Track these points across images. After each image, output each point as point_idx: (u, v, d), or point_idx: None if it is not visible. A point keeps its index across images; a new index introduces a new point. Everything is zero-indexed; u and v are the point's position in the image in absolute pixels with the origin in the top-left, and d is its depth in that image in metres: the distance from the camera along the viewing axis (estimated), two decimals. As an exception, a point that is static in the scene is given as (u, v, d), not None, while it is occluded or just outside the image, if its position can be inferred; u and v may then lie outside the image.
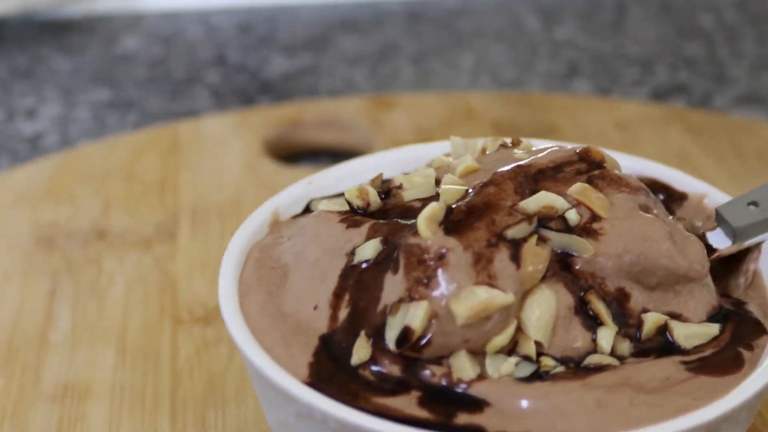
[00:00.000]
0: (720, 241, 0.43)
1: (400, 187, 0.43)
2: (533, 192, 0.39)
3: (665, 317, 0.38)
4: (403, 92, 0.82)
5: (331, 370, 0.36)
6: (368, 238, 0.39)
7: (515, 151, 0.43)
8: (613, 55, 0.90)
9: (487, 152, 0.44)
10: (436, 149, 0.48)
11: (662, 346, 0.38)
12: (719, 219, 0.43)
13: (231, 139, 0.71)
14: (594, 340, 0.37)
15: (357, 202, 0.42)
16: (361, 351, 0.36)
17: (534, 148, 0.43)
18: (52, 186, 0.66)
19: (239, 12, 0.99)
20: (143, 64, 0.90)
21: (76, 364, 0.52)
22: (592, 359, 0.37)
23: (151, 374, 0.51)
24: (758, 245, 0.42)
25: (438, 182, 0.42)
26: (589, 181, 0.40)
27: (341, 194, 0.44)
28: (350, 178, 0.47)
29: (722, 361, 0.37)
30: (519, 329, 0.36)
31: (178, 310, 0.55)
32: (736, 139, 0.70)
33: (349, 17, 0.98)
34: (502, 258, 0.36)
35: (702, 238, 0.42)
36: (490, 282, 0.36)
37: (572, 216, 0.38)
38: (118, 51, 0.92)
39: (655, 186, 0.47)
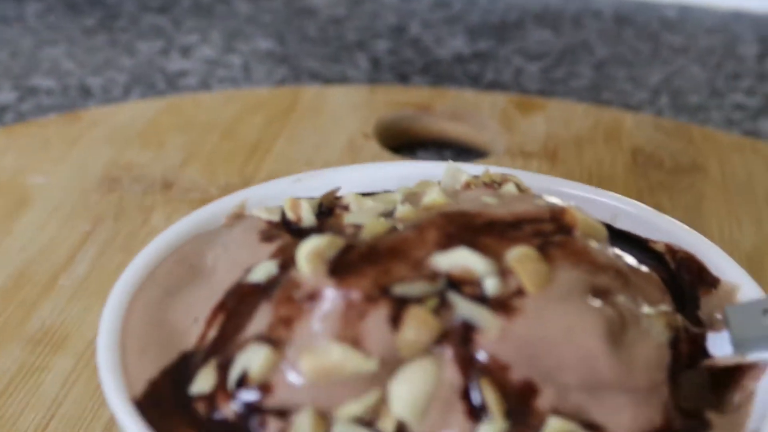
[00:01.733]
0: (722, 347, 0.35)
1: (347, 207, 0.38)
2: (472, 246, 0.33)
3: (574, 426, 0.31)
4: (553, 98, 0.75)
5: (167, 394, 0.32)
6: (272, 257, 0.34)
7: (494, 193, 0.37)
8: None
9: (472, 188, 0.38)
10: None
11: None
12: (727, 321, 0.36)
13: (346, 115, 0.67)
14: None
15: (289, 215, 0.37)
16: (202, 382, 0.32)
17: (514, 194, 0.37)
18: (148, 129, 0.65)
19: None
20: (320, 20, 0.87)
21: (67, 313, 0.50)
22: None
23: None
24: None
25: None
26: (543, 247, 0.33)
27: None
28: (343, 184, 0.42)
29: None
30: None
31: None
32: None
33: (551, 8, 0.92)
34: (378, 316, 0.30)
35: (696, 339, 0.35)
36: (355, 341, 0.30)
37: (490, 284, 0.32)
38: (303, 3, 0.90)
39: (689, 263, 0.39)
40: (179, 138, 0.64)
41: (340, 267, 0.32)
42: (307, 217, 0.37)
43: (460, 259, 0.32)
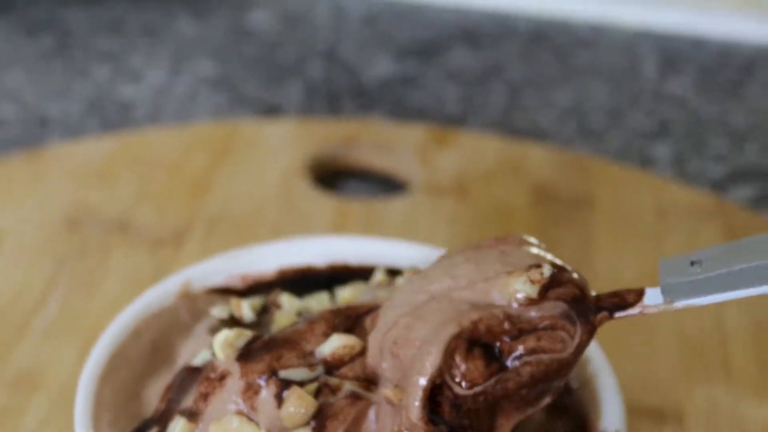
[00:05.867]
0: (656, 299, 0.40)
1: (279, 306, 0.47)
2: (349, 332, 0.42)
3: None
4: (464, 129, 0.83)
5: None
6: (210, 347, 0.43)
7: (390, 288, 0.46)
8: (713, 120, 0.88)
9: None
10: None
11: None
12: (659, 272, 0.40)
13: (280, 149, 0.75)
14: None
15: (234, 313, 0.46)
16: None
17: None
18: (103, 167, 0.72)
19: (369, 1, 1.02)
20: (258, 43, 0.94)
21: (42, 354, 0.57)
22: None
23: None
24: None
25: None
26: None
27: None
28: (272, 259, 0.50)
29: None
30: None
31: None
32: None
33: (472, 27, 1.00)
34: (268, 393, 0.40)
35: (638, 297, 0.40)
36: (250, 413, 0.40)
37: None
38: (243, 23, 0.97)
39: None
40: (131, 176, 0.72)
41: (246, 354, 0.41)
42: (247, 314, 0.46)
43: (336, 344, 0.41)
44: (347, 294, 0.46)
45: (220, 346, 0.42)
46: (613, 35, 1.00)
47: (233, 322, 0.46)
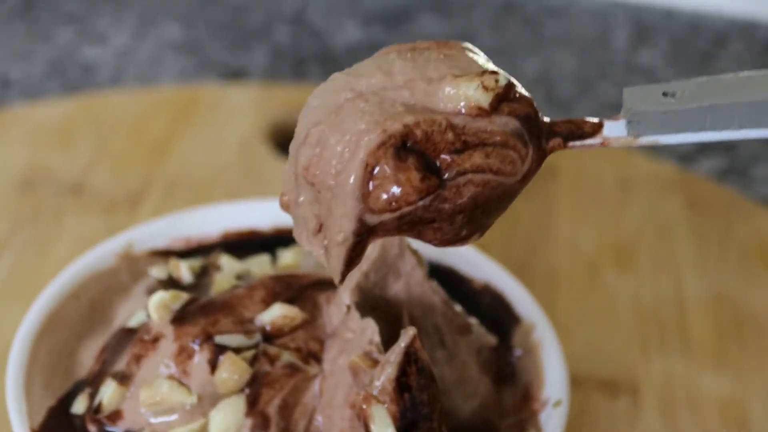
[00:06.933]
0: (618, 132, 0.35)
1: (219, 267, 0.46)
2: (291, 302, 0.41)
3: None
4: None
5: (59, 416, 0.41)
6: (146, 308, 0.43)
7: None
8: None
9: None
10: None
11: None
12: (624, 101, 0.35)
13: (242, 114, 0.74)
14: None
15: (173, 274, 0.45)
16: (78, 405, 0.41)
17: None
18: (61, 129, 0.71)
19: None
20: (225, 6, 0.93)
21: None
22: None
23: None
24: None
25: None
26: None
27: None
28: (217, 222, 0.50)
29: None
30: None
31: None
32: (732, 226, 0.68)
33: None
34: (201, 358, 0.39)
35: (596, 128, 0.36)
36: (182, 377, 0.39)
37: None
38: (212, -13, 0.96)
39: (500, 302, 0.48)
40: (89, 139, 0.71)
41: (181, 316, 0.40)
42: (186, 276, 0.45)
43: (276, 314, 0.41)
44: (289, 257, 0.45)
45: (155, 308, 0.41)
46: (584, 5, 0.99)
47: (172, 283, 0.45)
